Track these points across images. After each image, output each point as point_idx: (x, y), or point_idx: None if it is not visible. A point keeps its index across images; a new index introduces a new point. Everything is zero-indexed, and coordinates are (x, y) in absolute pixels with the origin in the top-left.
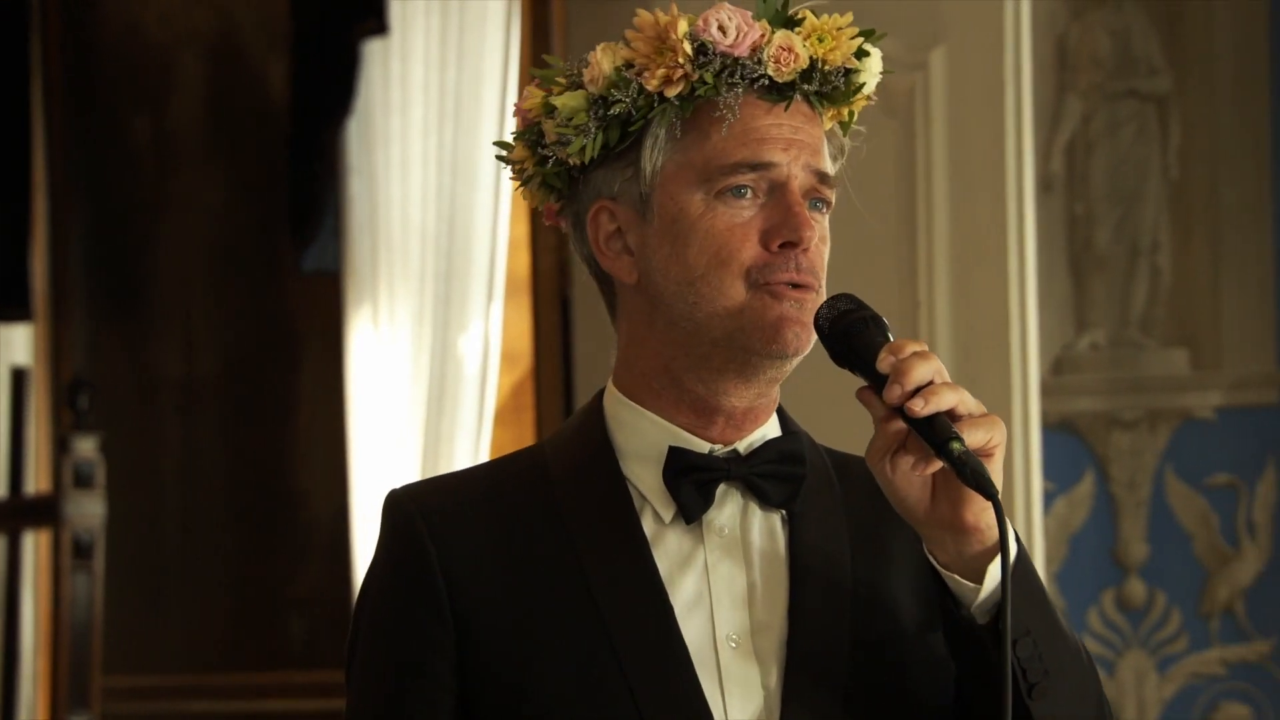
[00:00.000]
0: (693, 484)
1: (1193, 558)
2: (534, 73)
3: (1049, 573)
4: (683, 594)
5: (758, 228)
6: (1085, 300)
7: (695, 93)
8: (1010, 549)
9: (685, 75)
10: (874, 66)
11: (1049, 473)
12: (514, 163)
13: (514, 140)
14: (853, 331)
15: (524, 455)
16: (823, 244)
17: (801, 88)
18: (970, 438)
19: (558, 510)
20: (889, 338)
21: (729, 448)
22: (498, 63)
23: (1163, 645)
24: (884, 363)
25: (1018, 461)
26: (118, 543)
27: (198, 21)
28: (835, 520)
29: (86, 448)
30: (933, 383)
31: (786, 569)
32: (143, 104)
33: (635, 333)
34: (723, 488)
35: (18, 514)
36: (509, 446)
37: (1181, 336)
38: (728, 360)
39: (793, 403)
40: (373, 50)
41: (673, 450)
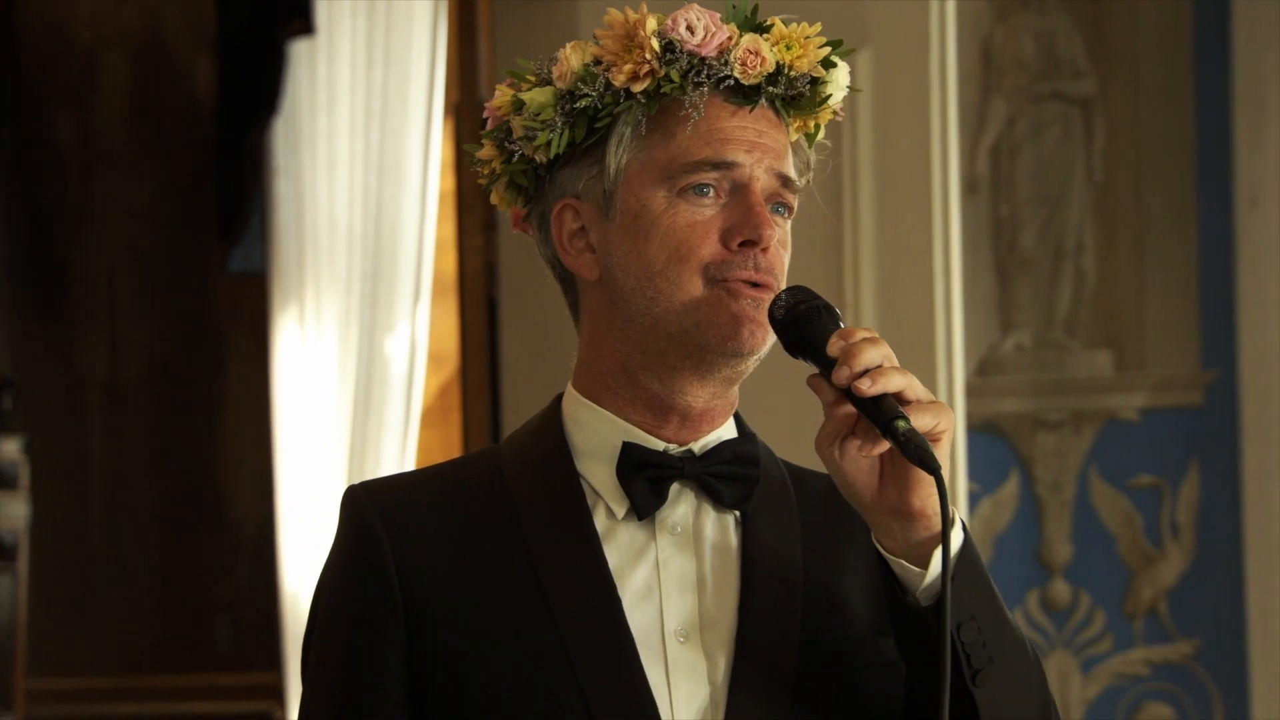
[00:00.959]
0: (646, 480)
1: (1117, 558)
2: (505, 71)
3: None
4: (632, 586)
5: (718, 226)
6: (1010, 302)
7: (661, 90)
8: (953, 521)
9: (652, 72)
10: (841, 79)
11: (974, 474)
12: (483, 161)
13: (482, 138)
14: (805, 319)
15: (483, 455)
16: (782, 248)
17: (767, 90)
18: (918, 421)
19: (511, 507)
20: (840, 325)
21: (684, 447)
22: (424, 64)
23: (1087, 646)
24: (834, 347)
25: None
26: (42, 544)
27: (123, 21)
28: (789, 525)
29: (10, 449)
30: (881, 366)
31: (738, 564)
32: (67, 104)
33: (595, 332)
34: (676, 487)
35: None
36: (436, 447)
37: (1106, 338)
38: (684, 357)
39: (753, 415)
40: (299, 50)
41: (626, 446)
